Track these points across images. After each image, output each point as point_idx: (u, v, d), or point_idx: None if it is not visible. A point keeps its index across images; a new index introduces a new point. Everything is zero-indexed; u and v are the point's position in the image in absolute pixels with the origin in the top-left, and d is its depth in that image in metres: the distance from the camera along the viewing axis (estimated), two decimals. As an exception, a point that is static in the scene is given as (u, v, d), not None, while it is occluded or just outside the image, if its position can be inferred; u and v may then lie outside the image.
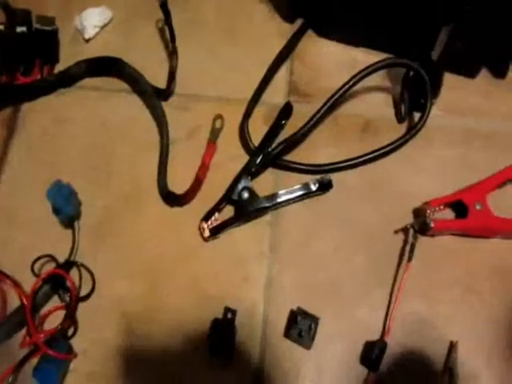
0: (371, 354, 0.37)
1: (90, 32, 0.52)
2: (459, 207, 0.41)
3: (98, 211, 0.43)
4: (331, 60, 0.51)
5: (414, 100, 0.46)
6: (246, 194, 0.42)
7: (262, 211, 0.42)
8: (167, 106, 0.47)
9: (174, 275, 0.41)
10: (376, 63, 0.44)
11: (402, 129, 0.47)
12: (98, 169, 0.45)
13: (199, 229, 0.42)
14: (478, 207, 0.40)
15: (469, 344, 0.38)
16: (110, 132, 0.47)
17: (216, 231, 0.41)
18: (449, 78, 0.46)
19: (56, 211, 0.40)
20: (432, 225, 0.39)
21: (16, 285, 0.37)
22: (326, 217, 0.43)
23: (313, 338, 0.37)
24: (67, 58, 0.51)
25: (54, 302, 0.39)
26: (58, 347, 0.36)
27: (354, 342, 0.38)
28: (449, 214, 0.43)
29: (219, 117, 0.46)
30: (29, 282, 0.39)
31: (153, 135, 0.47)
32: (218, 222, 0.42)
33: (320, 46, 0.52)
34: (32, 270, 0.39)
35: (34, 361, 0.36)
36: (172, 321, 0.39)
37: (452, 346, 0.37)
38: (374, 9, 0.47)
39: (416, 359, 0.38)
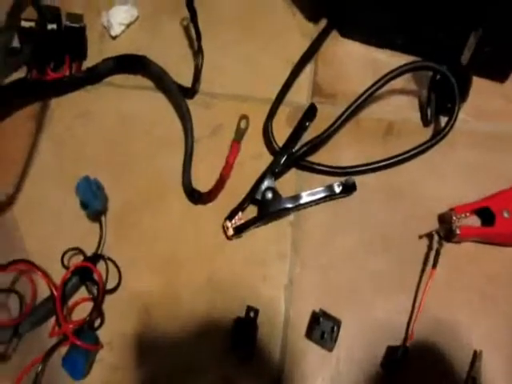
0: (393, 359, 0.37)
1: (116, 29, 0.53)
2: (486, 214, 0.41)
3: (122, 206, 0.44)
4: (355, 61, 0.52)
5: (441, 104, 0.46)
6: (269, 194, 0.43)
7: (285, 212, 0.43)
8: (191, 104, 0.48)
9: (195, 272, 0.42)
10: (403, 66, 0.44)
11: (426, 132, 0.47)
12: (122, 164, 0.47)
13: (223, 227, 0.43)
14: (505, 215, 0.40)
15: (490, 353, 0.38)
16: (134, 128, 0.48)
17: (239, 230, 0.42)
18: (476, 82, 0.46)
19: (84, 205, 0.41)
20: (458, 232, 0.39)
21: (46, 276, 0.39)
22: (348, 219, 0.44)
23: (335, 341, 0.38)
24: (94, 54, 0.52)
25: (80, 293, 0.41)
26: (86, 338, 0.37)
27: (375, 347, 0.39)
28: (474, 220, 0.43)
29: (244, 117, 0.47)
30: (56, 273, 0.40)
31: (176, 132, 0.48)
32: (242, 221, 0.43)
33: (344, 46, 0.53)
34: (62, 262, 0.40)
35: (63, 350, 0.38)
36: (191, 317, 0.40)
37: (476, 355, 0.38)
38: (402, 11, 0.47)
39: (437, 366, 0.38)
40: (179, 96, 0.49)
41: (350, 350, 0.39)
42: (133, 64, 0.51)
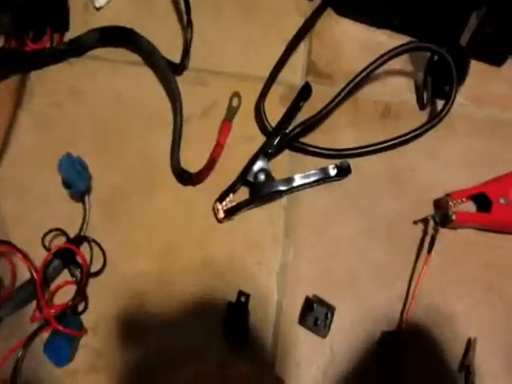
0: (387, 342, 0.37)
1: (100, 0, 0.51)
2: (482, 200, 0.41)
3: (109, 186, 0.43)
4: (351, 40, 0.50)
5: (438, 87, 0.45)
6: (262, 176, 0.42)
7: (278, 194, 0.42)
8: (181, 81, 0.46)
9: (185, 255, 0.41)
10: (400, 46, 0.43)
11: (424, 115, 0.47)
12: (109, 143, 0.45)
13: (213, 209, 0.42)
14: (502, 201, 0.40)
15: (487, 341, 0.38)
16: (121, 105, 0.46)
17: (231, 213, 0.41)
18: (473, 66, 0.45)
19: (67, 185, 0.39)
20: (454, 217, 0.39)
21: (26, 258, 0.37)
22: (343, 203, 0.43)
23: (329, 327, 0.37)
24: (77, 26, 0.49)
25: (63, 277, 0.39)
26: (69, 323, 0.36)
27: (370, 334, 0.38)
28: (471, 206, 0.42)
29: (236, 95, 0.46)
30: (38, 256, 0.39)
31: (166, 111, 0.46)
32: (233, 203, 0.41)
33: (340, 25, 0.51)
34: (42, 243, 0.39)
35: (45, 335, 0.37)
36: (183, 302, 0.39)
37: (470, 343, 0.38)
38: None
39: (431, 353, 0.38)
40: (168, 72, 0.47)
41: (344, 336, 0.39)
42: (120, 37, 0.49)
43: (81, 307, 0.38)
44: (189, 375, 0.37)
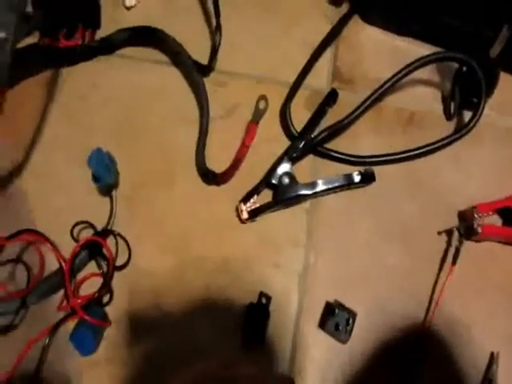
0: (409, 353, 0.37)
1: (131, 0, 0.52)
2: (508, 214, 0.41)
3: (133, 182, 0.44)
4: (376, 48, 0.51)
5: (465, 97, 0.46)
6: (286, 180, 0.43)
7: (301, 198, 0.43)
8: (206, 82, 0.47)
9: (206, 254, 0.42)
10: (430, 55, 0.43)
11: (449, 125, 0.47)
12: (134, 139, 0.46)
13: (237, 210, 0.43)
14: (528, 216, 0.40)
15: (508, 353, 0.38)
16: (147, 103, 0.48)
17: (254, 214, 0.42)
18: (501, 77, 0.46)
19: (96, 179, 0.40)
20: (480, 230, 0.39)
21: (55, 248, 0.38)
22: (365, 210, 0.43)
23: (350, 333, 0.38)
24: (107, 24, 0.51)
25: (88, 268, 0.41)
26: (94, 313, 0.37)
27: (389, 341, 0.39)
28: (496, 219, 0.42)
29: (263, 98, 0.46)
30: (64, 246, 0.40)
31: (190, 110, 0.47)
32: (257, 205, 0.42)
33: (366, 33, 0.52)
34: (71, 234, 0.40)
35: (69, 325, 0.38)
36: (199, 299, 0.40)
37: (493, 357, 0.38)
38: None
39: (452, 364, 0.38)
40: (196, 73, 0.48)
41: (363, 342, 0.39)
42: (148, 37, 0.50)
43: (105, 299, 0.39)
44: (193, 375, 0.37)
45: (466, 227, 0.41)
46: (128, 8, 0.53)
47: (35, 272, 0.39)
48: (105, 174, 0.40)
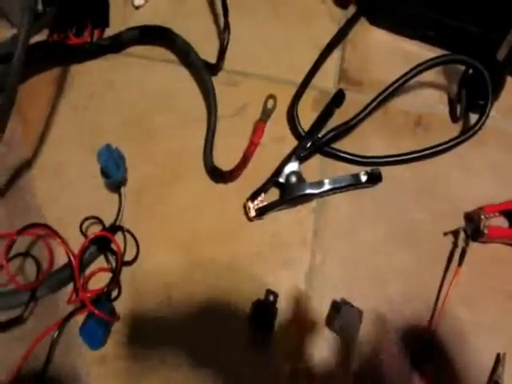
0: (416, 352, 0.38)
1: (139, -1, 0.54)
2: (513, 216, 0.43)
3: (141, 179, 0.45)
4: (383, 50, 0.53)
5: (472, 100, 0.47)
6: (293, 178, 0.44)
7: (308, 197, 0.44)
8: (214, 81, 0.49)
9: (213, 251, 0.43)
10: (436, 58, 0.45)
11: (454, 127, 0.49)
12: (142, 137, 0.47)
13: (244, 208, 0.44)
14: (535, 218, 0.41)
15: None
16: (155, 101, 0.49)
17: (261, 212, 0.43)
18: (508, 81, 0.48)
19: (106, 175, 0.42)
20: (486, 231, 0.41)
21: (64, 243, 0.40)
22: (371, 210, 0.45)
23: (357, 331, 0.39)
24: (116, 23, 0.53)
25: (96, 264, 0.42)
26: (103, 308, 0.38)
27: (395, 339, 0.40)
28: (502, 221, 0.44)
29: (272, 97, 0.48)
30: (72, 241, 0.41)
31: (198, 109, 0.49)
32: (264, 203, 0.44)
33: (373, 34, 0.54)
34: (80, 229, 0.41)
35: (78, 319, 0.39)
36: (207, 296, 0.41)
37: (499, 359, 0.39)
38: (437, 2, 0.48)
39: (458, 365, 0.39)
40: (205, 72, 0.49)
41: (369, 341, 0.40)
42: (158, 36, 0.52)
43: (114, 294, 0.40)
44: None
45: (473, 228, 0.42)
46: (137, 7, 0.55)
47: (44, 266, 0.41)
48: (114, 170, 0.42)
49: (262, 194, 0.44)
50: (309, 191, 0.44)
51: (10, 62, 0.38)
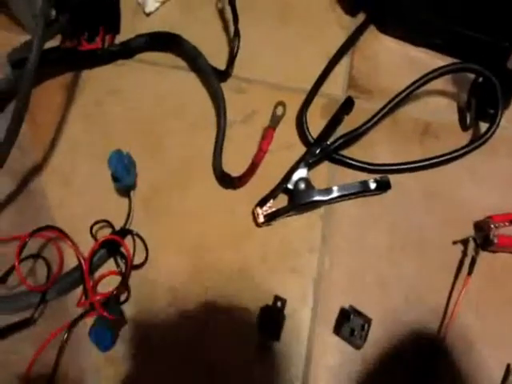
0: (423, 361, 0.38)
1: (150, 6, 0.55)
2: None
3: (151, 185, 0.46)
4: (392, 58, 0.53)
5: (481, 109, 0.47)
6: (302, 185, 0.45)
7: (317, 204, 0.45)
8: (224, 88, 0.49)
9: (221, 256, 0.43)
10: (446, 66, 0.45)
11: (464, 136, 0.49)
12: (152, 142, 0.48)
13: (253, 214, 0.44)
14: (544, 227, 0.41)
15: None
16: (164, 107, 0.50)
17: (270, 218, 0.44)
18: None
19: (116, 179, 0.43)
20: (496, 241, 0.41)
21: (74, 246, 0.40)
22: (379, 217, 0.45)
23: (365, 339, 0.39)
24: (127, 30, 0.53)
25: (105, 267, 0.42)
26: (112, 311, 0.39)
27: (403, 349, 0.40)
28: (510, 231, 0.43)
29: (281, 103, 0.49)
30: (82, 244, 0.42)
31: (208, 115, 0.49)
32: (273, 209, 0.44)
33: (382, 42, 0.54)
34: (91, 232, 0.42)
35: (87, 321, 0.39)
36: (214, 301, 0.42)
37: (509, 369, 0.39)
38: (447, 10, 0.49)
39: (467, 375, 0.39)
40: (214, 78, 0.50)
41: (376, 348, 0.40)
42: (167, 42, 0.53)
43: (123, 297, 0.41)
44: None
45: (482, 237, 0.42)
46: (147, 14, 0.56)
47: (54, 268, 0.41)
48: (124, 175, 0.42)
49: (271, 200, 0.44)
50: (317, 198, 0.44)
51: (24, 67, 0.39)
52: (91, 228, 0.42)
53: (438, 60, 0.50)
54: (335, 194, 0.44)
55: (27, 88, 0.40)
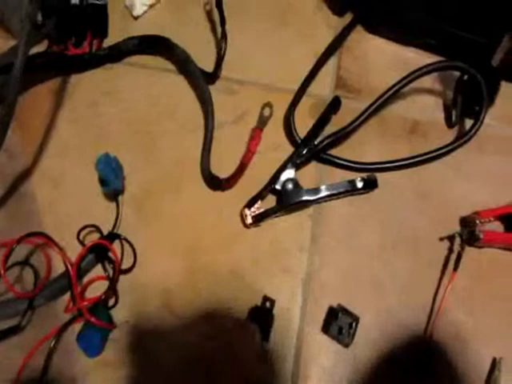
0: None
1: (138, 10, 0.55)
2: (509, 220, 0.43)
3: (140, 188, 0.46)
4: (379, 56, 0.53)
5: (467, 106, 0.47)
6: (290, 185, 0.45)
7: (305, 204, 0.45)
8: (213, 90, 0.50)
9: (211, 258, 0.43)
10: (431, 64, 0.45)
11: (452, 134, 0.49)
12: (141, 145, 0.48)
13: (241, 215, 0.44)
14: (530, 222, 0.41)
15: (510, 361, 0.39)
16: (154, 110, 0.50)
17: (258, 219, 0.44)
18: (504, 87, 0.48)
19: (103, 183, 0.42)
20: (481, 236, 0.41)
21: (62, 252, 0.40)
22: (368, 216, 0.45)
23: (353, 337, 0.39)
24: (115, 33, 0.53)
25: (94, 272, 0.42)
26: (100, 316, 0.38)
27: (393, 346, 0.40)
28: (498, 226, 0.44)
29: (268, 104, 0.49)
30: (70, 249, 0.42)
31: (197, 117, 0.49)
32: (261, 210, 0.44)
33: (369, 42, 0.54)
34: (78, 238, 0.42)
35: (75, 327, 0.39)
36: (206, 303, 0.42)
37: (495, 363, 0.39)
38: (432, 9, 0.49)
39: (455, 370, 0.40)
40: (202, 81, 0.50)
41: (368, 346, 0.40)
42: (156, 45, 0.53)
43: (111, 302, 0.41)
44: None
45: (468, 233, 0.42)
46: (135, 17, 0.56)
47: (42, 275, 0.41)
48: (111, 179, 0.42)
49: (259, 201, 0.44)
50: (305, 198, 0.44)
51: (10, 73, 0.39)
52: (78, 233, 0.42)
53: (426, 59, 0.50)
54: (323, 193, 0.44)
55: (13, 93, 0.39)
